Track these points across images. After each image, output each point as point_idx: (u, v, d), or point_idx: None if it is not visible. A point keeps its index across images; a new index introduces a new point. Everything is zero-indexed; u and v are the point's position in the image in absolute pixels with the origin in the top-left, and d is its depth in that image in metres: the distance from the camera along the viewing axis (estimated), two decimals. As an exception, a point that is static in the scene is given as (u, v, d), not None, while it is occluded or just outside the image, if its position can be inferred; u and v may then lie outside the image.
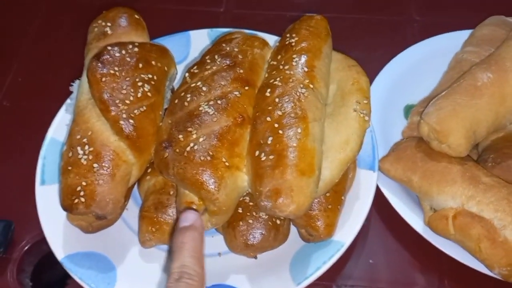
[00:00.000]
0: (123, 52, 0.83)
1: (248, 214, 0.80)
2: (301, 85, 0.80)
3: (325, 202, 0.82)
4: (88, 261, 0.82)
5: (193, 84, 0.82)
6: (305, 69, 0.82)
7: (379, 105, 1.00)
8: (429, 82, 1.04)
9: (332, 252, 0.82)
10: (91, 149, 0.78)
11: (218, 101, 0.79)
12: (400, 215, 0.88)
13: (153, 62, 0.85)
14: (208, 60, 0.85)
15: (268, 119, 0.77)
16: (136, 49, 0.84)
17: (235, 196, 0.78)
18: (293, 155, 0.74)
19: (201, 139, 0.76)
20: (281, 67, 0.83)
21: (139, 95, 0.80)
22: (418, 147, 0.90)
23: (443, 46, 1.07)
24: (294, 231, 0.85)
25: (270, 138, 0.76)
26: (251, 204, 0.81)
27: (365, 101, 0.83)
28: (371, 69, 1.01)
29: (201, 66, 0.85)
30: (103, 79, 0.80)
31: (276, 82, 0.81)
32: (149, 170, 0.85)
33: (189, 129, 0.77)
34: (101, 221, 0.81)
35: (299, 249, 0.84)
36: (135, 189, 0.89)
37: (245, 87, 0.82)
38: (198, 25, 1.09)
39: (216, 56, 0.85)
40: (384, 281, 0.88)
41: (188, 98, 0.80)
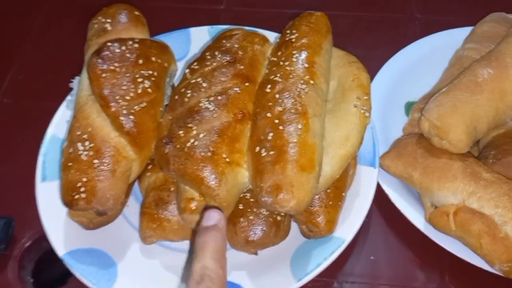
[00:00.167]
0: (123, 48, 0.83)
1: (249, 210, 0.80)
2: (301, 81, 0.80)
3: (325, 198, 0.82)
4: (89, 258, 0.82)
5: (193, 80, 0.82)
6: (306, 65, 0.82)
7: (380, 102, 1.00)
8: (430, 79, 1.03)
9: (333, 248, 0.82)
10: (91, 145, 0.77)
11: (219, 97, 0.79)
12: (401, 211, 0.88)
13: (153, 58, 0.85)
14: (208, 56, 0.85)
15: (269, 115, 0.77)
16: (136, 45, 0.84)
17: (236, 192, 0.78)
18: (293, 150, 0.74)
19: (201, 135, 0.76)
20: (281, 63, 0.83)
21: (139, 91, 0.80)
22: (418, 143, 0.90)
23: (443, 43, 1.07)
24: (294, 227, 0.85)
25: (271, 134, 0.76)
26: (251, 200, 0.81)
27: (366, 97, 0.83)
28: (372, 66, 1.02)
29: (201, 62, 0.85)
30: (103, 75, 0.80)
31: (276, 78, 0.81)
32: (149, 167, 0.85)
33: (189, 125, 0.77)
34: (101, 217, 0.81)
35: (299, 245, 0.84)
36: (135, 186, 0.88)
37: (246, 83, 0.82)
38: (199, 22, 1.09)
39: (216, 52, 0.85)
40: (385, 277, 0.88)
41: (189, 94, 0.80)
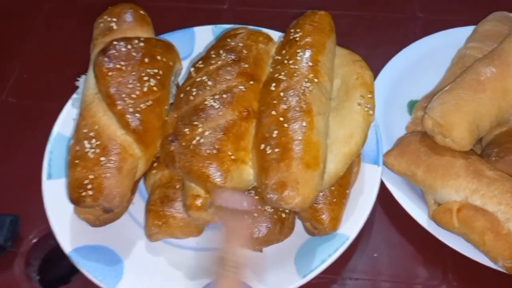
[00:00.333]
0: (129, 47, 0.83)
1: (253, 207, 0.81)
2: (305, 79, 0.80)
3: (330, 196, 0.82)
4: (95, 254, 0.83)
5: (198, 79, 0.83)
6: (310, 63, 0.83)
7: (383, 100, 1.00)
8: (432, 78, 1.04)
9: (337, 245, 0.82)
10: (98, 143, 0.78)
11: (224, 95, 0.80)
12: (404, 209, 0.88)
13: (158, 57, 0.85)
14: (213, 55, 0.86)
15: (273, 113, 0.78)
16: (141, 44, 0.85)
17: (241, 189, 0.78)
18: (298, 148, 0.75)
19: (206, 133, 0.77)
20: (285, 61, 0.84)
21: (145, 89, 0.81)
22: (422, 141, 0.90)
23: (446, 42, 1.08)
24: (299, 224, 0.86)
25: (275, 132, 0.76)
26: (256, 197, 0.81)
27: (369, 95, 0.84)
28: (375, 65, 1.02)
29: (206, 61, 0.85)
30: (110, 73, 0.80)
31: (281, 77, 0.82)
32: (155, 164, 0.86)
33: (195, 122, 0.78)
34: (108, 214, 0.82)
35: (304, 242, 0.84)
36: (141, 183, 0.89)
37: (250, 81, 0.82)
38: (202, 22, 1.10)
39: (221, 51, 0.86)
40: (388, 274, 0.88)
41: (194, 92, 0.81)
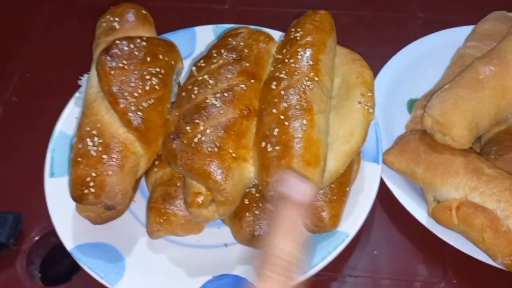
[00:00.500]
0: (131, 46, 0.84)
1: (255, 205, 0.81)
2: (306, 78, 0.81)
3: (330, 194, 0.83)
4: (97, 252, 0.83)
5: (200, 77, 0.84)
6: (310, 62, 0.83)
7: (382, 99, 1.01)
8: (432, 76, 1.04)
9: (337, 243, 0.83)
10: (100, 141, 0.79)
11: (225, 94, 0.80)
12: (404, 206, 0.89)
13: (160, 56, 0.86)
14: (214, 54, 0.86)
15: (274, 111, 0.79)
16: (144, 43, 0.85)
17: (242, 187, 0.79)
18: (299, 146, 0.75)
19: (208, 131, 0.77)
20: (286, 60, 0.84)
21: (147, 88, 0.82)
22: (421, 139, 0.91)
23: (445, 41, 1.08)
24: (299, 222, 0.86)
25: (276, 130, 0.77)
26: (257, 195, 0.82)
27: (369, 94, 0.85)
28: (375, 65, 1.02)
29: (207, 60, 0.86)
30: (112, 72, 0.81)
31: (281, 75, 0.82)
32: (156, 162, 0.86)
33: (196, 121, 0.78)
34: (109, 212, 0.83)
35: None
36: (142, 181, 0.90)
37: (251, 80, 0.83)
38: (203, 22, 1.10)
39: (222, 50, 0.86)
40: (388, 272, 0.89)
41: (195, 91, 0.82)
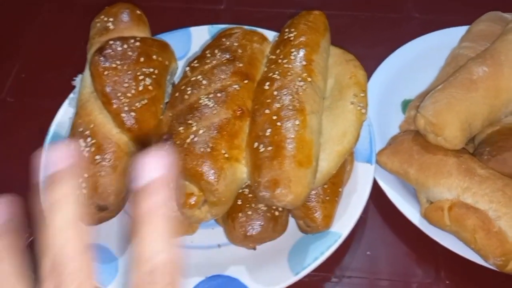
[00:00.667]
0: (125, 46, 0.84)
1: (247, 205, 0.81)
2: (299, 78, 0.81)
3: (323, 194, 0.83)
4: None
5: (193, 78, 0.84)
6: (303, 62, 0.83)
7: (377, 100, 1.01)
8: (427, 77, 1.04)
9: (330, 243, 0.83)
10: (93, 141, 0.79)
11: (218, 94, 0.80)
12: (397, 207, 0.89)
13: (154, 57, 0.86)
14: (208, 54, 0.86)
15: (267, 111, 0.79)
16: (137, 43, 0.85)
17: (234, 188, 0.79)
18: (291, 146, 0.75)
19: (201, 131, 0.77)
20: (279, 61, 0.84)
21: (140, 88, 0.82)
22: (414, 140, 0.91)
23: (440, 42, 1.08)
24: (292, 222, 0.86)
25: (269, 130, 0.77)
26: (250, 196, 0.82)
27: (362, 94, 0.85)
28: (370, 65, 1.02)
29: (201, 60, 0.86)
30: (106, 72, 0.81)
31: (274, 76, 0.82)
32: (150, 163, 0.86)
33: (189, 121, 0.78)
34: (102, 212, 0.83)
35: (297, 240, 0.85)
36: (136, 182, 0.90)
37: (244, 80, 0.83)
38: (199, 22, 1.10)
39: (216, 51, 0.86)
40: (381, 272, 0.89)
41: (189, 91, 0.82)
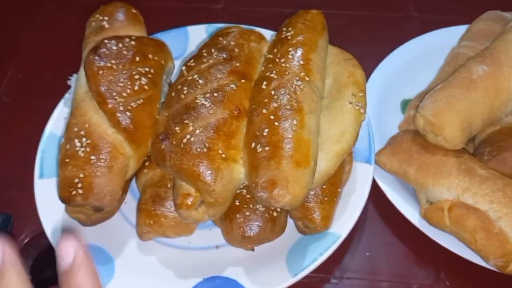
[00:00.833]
0: (120, 45, 0.83)
1: (245, 206, 0.81)
2: (296, 77, 0.80)
3: (321, 195, 0.82)
4: (86, 253, 0.82)
5: (189, 77, 0.83)
6: (301, 62, 0.83)
7: (376, 99, 1.01)
8: (426, 76, 1.04)
9: (329, 244, 0.82)
10: (88, 141, 0.78)
11: (215, 94, 0.79)
12: (397, 207, 0.88)
13: (150, 56, 0.85)
14: (204, 54, 0.85)
15: (264, 111, 0.78)
16: (133, 42, 0.85)
17: (232, 188, 0.78)
18: (288, 146, 0.74)
19: (197, 131, 0.76)
20: (277, 60, 0.84)
21: (136, 88, 0.81)
22: (414, 140, 0.90)
23: (439, 41, 1.08)
24: (291, 223, 0.85)
25: (266, 130, 0.76)
26: (248, 196, 0.81)
27: (361, 94, 0.84)
28: (369, 64, 1.02)
29: (197, 59, 0.85)
30: (100, 72, 0.80)
31: (272, 75, 0.81)
32: (146, 163, 0.86)
33: (185, 121, 0.78)
34: (99, 213, 0.82)
35: (296, 241, 0.84)
36: (133, 183, 0.89)
37: (242, 80, 0.82)
38: (196, 21, 1.10)
39: (212, 50, 0.85)
40: (381, 273, 0.88)
41: (185, 91, 0.81)
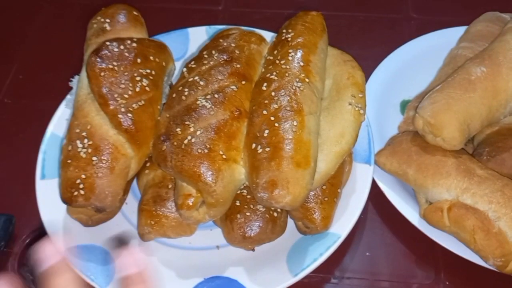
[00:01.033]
0: (121, 47, 0.84)
1: (246, 206, 0.81)
2: (297, 79, 0.81)
3: (321, 195, 0.83)
4: (88, 254, 0.83)
5: (190, 79, 0.83)
6: (301, 63, 0.83)
7: (375, 100, 1.01)
8: (425, 77, 1.04)
9: (329, 244, 0.82)
10: (90, 142, 0.79)
11: (215, 95, 0.80)
12: (396, 208, 0.89)
13: (151, 57, 0.86)
14: (205, 55, 0.86)
15: (265, 112, 0.78)
16: (134, 44, 0.85)
17: (232, 189, 0.79)
18: (289, 147, 0.75)
19: (198, 132, 0.77)
20: (277, 61, 0.84)
21: (137, 89, 0.81)
22: (413, 141, 0.90)
23: (438, 42, 1.08)
24: (291, 223, 0.86)
25: (266, 131, 0.77)
26: (248, 197, 0.82)
27: (360, 95, 0.84)
28: (368, 66, 1.02)
29: (198, 61, 0.86)
30: (102, 73, 0.81)
31: (272, 76, 0.82)
32: (147, 164, 0.86)
33: (186, 122, 0.78)
34: (100, 214, 0.82)
35: (296, 241, 0.85)
36: (134, 183, 0.89)
37: (242, 81, 0.83)
38: (197, 23, 1.11)
39: (213, 51, 0.86)
40: (381, 273, 0.89)
41: (186, 92, 0.81)
